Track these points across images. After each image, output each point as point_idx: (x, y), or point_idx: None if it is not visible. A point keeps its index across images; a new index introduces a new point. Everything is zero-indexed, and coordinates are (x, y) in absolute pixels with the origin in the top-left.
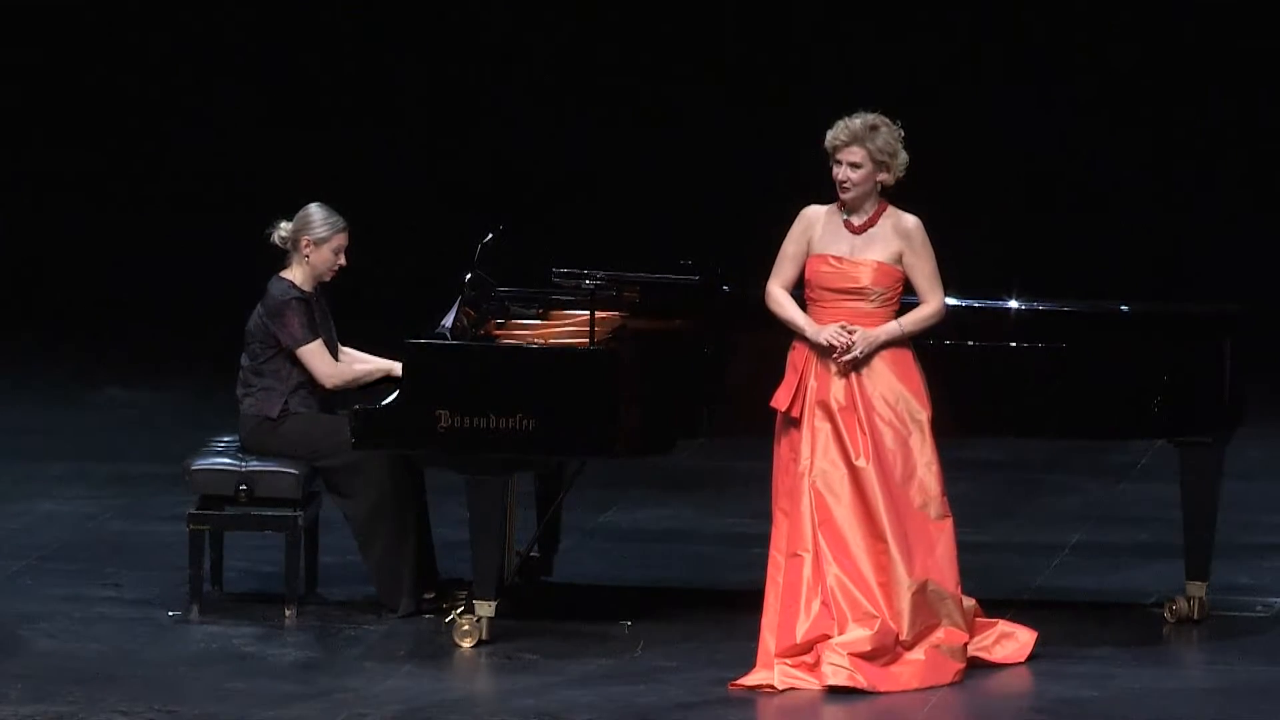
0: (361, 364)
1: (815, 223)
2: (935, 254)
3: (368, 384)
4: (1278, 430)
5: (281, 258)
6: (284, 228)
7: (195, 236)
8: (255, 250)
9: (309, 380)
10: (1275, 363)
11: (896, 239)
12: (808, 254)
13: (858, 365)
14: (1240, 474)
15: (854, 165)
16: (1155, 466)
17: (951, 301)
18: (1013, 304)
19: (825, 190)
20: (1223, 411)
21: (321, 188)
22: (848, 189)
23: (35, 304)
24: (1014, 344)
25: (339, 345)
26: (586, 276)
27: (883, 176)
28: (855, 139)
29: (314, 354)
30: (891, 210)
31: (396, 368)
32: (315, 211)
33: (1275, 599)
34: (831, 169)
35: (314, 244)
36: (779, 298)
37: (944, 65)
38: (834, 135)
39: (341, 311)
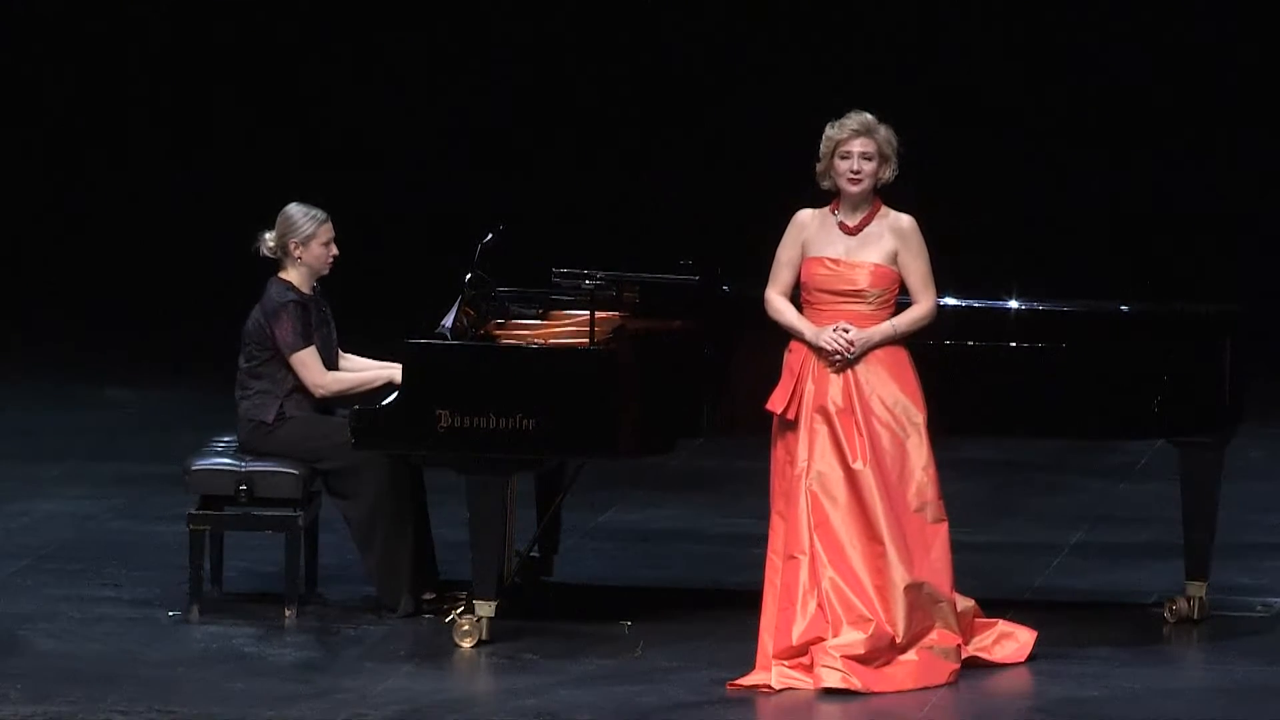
0: (358, 373)
1: (808, 226)
2: (930, 254)
3: (365, 393)
4: (1278, 430)
5: (278, 264)
6: (268, 238)
7: (195, 236)
8: (255, 250)
9: (304, 384)
10: (1275, 363)
11: (892, 238)
12: (802, 258)
13: (852, 365)
14: (1240, 474)
15: (866, 156)
16: (1155, 466)
17: (951, 301)
18: (1013, 304)
19: (818, 191)
20: (1223, 411)
21: (320, 188)
22: (860, 180)
23: (35, 303)
24: (1014, 344)
25: (339, 350)
26: (586, 276)
27: (885, 172)
28: (867, 130)
29: (304, 362)
30: (886, 210)
31: (397, 375)
32: (294, 212)
33: (1275, 599)
34: (835, 164)
35: (301, 244)
36: (778, 305)
37: (942, 65)
38: (845, 127)
39: (341, 312)
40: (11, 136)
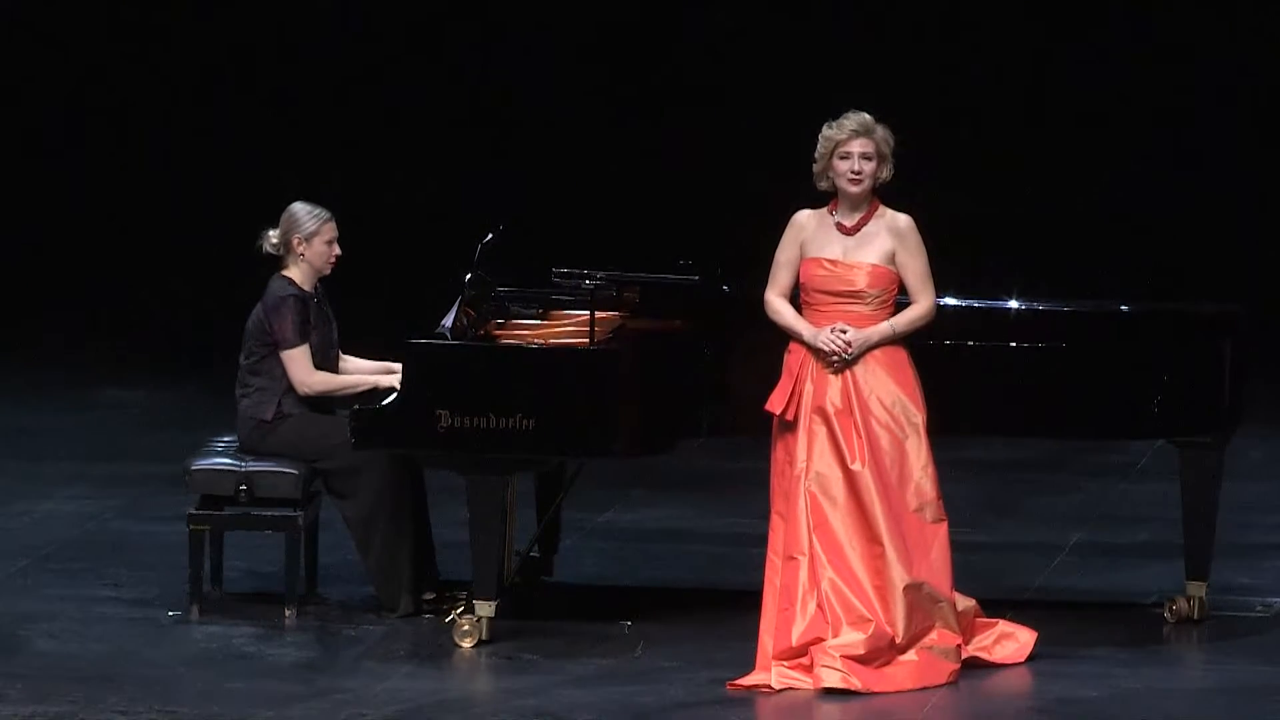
0: (344, 376)
1: (806, 227)
2: (928, 253)
3: (352, 395)
4: (1278, 430)
5: (279, 261)
6: (272, 235)
7: (195, 235)
8: (256, 249)
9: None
10: (1275, 363)
11: (889, 238)
12: (801, 259)
13: (850, 365)
14: (1240, 474)
15: (865, 156)
16: (1155, 466)
17: (951, 301)
18: (1013, 304)
19: (815, 191)
20: (1223, 411)
21: (321, 186)
22: (861, 180)
23: (36, 304)
24: (1014, 344)
25: (340, 352)
26: (586, 276)
27: (883, 171)
28: (867, 130)
29: (296, 358)
30: (883, 209)
31: (385, 380)
32: (298, 209)
33: (1275, 599)
34: (834, 165)
35: (304, 240)
36: (777, 306)
37: (939, 68)
38: (843, 127)
39: (341, 312)
40: (11, 135)
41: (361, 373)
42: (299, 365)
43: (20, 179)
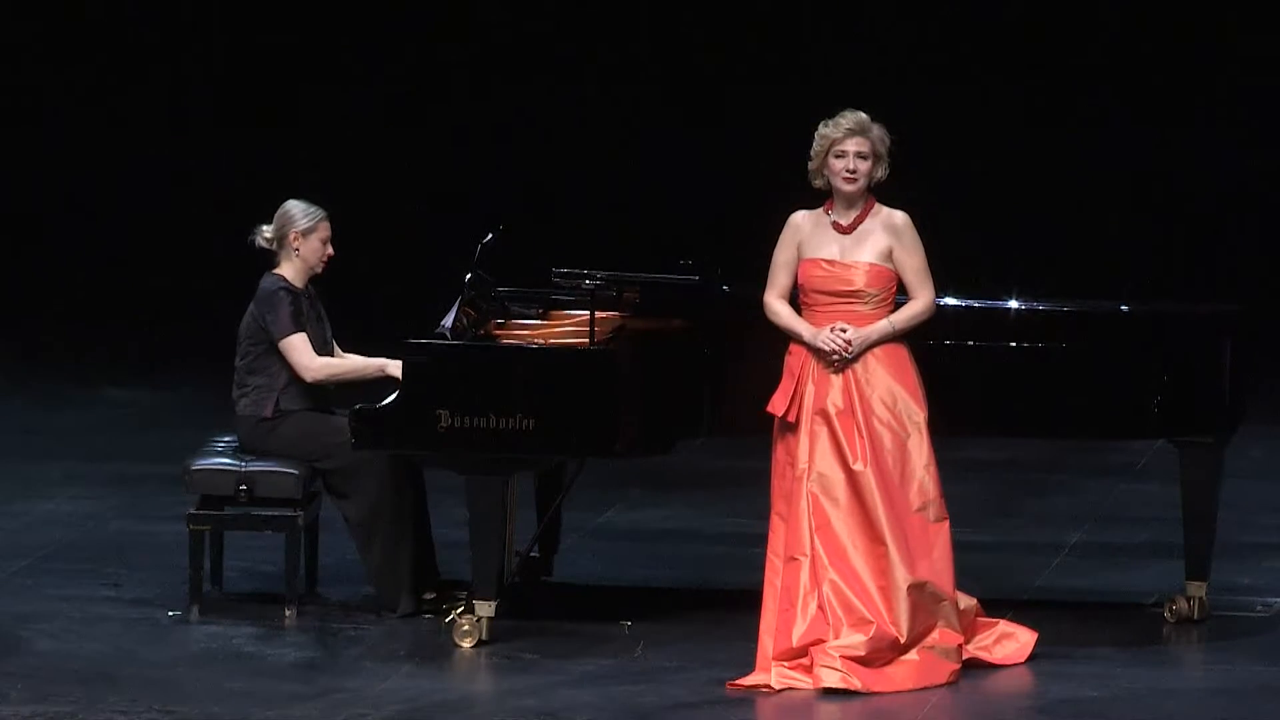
0: (348, 360)
1: (803, 227)
2: (925, 250)
3: (357, 381)
4: (1278, 430)
5: (271, 258)
6: (266, 230)
7: (195, 234)
8: (251, 242)
9: (299, 376)
10: (1275, 363)
11: (885, 235)
12: (799, 260)
13: (851, 364)
14: (1240, 474)
15: (861, 155)
16: (1155, 466)
17: (951, 301)
18: (1013, 304)
19: (812, 191)
20: (1223, 411)
21: (321, 187)
22: (856, 178)
23: (36, 304)
24: (1014, 344)
25: (335, 348)
26: (586, 276)
27: (878, 170)
28: (863, 129)
29: (296, 346)
30: (879, 207)
31: (391, 366)
32: (295, 206)
33: (1275, 599)
34: (830, 163)
35: (301, 236)
36: (776, 308)
37: (941, 68)
38: (839, 126)
39: (342, 311)
40: (11, 135)
41: (359, 360)
42: (300, 351)
43: (20, 178)
